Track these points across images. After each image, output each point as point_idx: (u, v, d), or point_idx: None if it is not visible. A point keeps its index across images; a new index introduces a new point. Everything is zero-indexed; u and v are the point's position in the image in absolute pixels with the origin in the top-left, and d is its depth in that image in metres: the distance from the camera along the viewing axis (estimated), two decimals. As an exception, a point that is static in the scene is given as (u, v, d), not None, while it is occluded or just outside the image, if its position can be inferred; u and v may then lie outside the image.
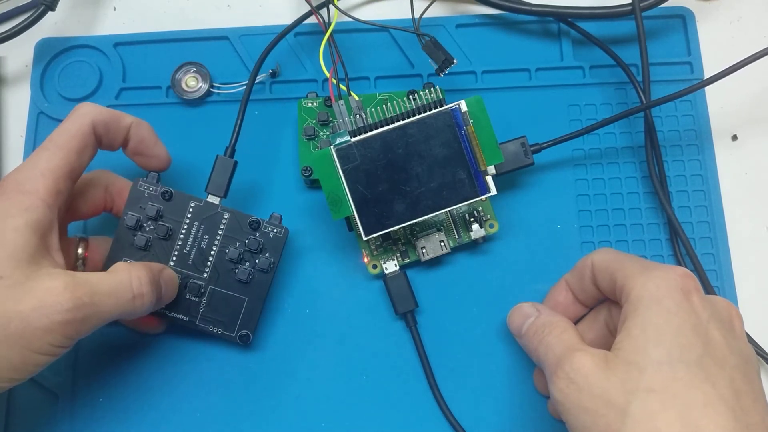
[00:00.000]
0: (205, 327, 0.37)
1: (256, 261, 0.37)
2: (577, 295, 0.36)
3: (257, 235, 0.37)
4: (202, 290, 0.37)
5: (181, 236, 0.36)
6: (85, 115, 0.34)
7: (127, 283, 0.32)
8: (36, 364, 0.30)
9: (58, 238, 0.32)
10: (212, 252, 0.37)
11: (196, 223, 0.37)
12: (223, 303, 0.37)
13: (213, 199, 0.37)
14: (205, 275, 0.37)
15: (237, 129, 0.38)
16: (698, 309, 0.29)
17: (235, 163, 0.37)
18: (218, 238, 0.37)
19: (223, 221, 0.37)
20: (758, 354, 0.38)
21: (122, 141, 0.36)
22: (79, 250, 0.37)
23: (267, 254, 0.37)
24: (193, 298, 0.37)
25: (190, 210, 0.37)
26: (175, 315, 0.37)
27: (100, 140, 0.35)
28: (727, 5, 0.45)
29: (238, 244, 0.37)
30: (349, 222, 0.38)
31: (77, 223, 0.41)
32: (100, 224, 0.41)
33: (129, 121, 0.35)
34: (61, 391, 0.38)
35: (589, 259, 0.34)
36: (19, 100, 0.44)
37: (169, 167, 0.38)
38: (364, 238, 0.36)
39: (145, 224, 0.36)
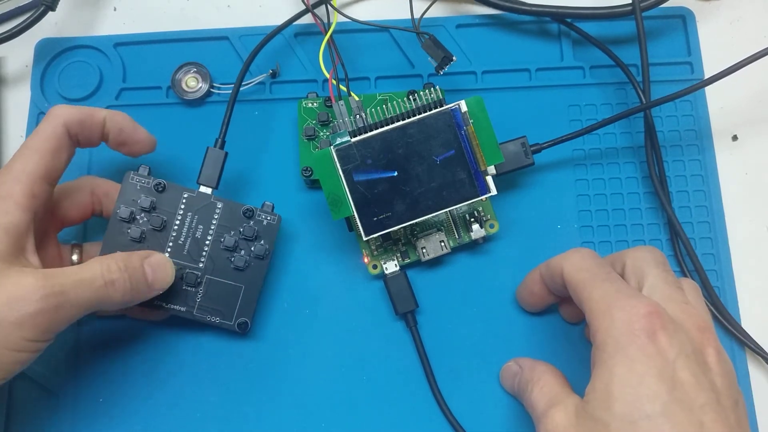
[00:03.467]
0: (202, 317, 0.37)
1: (252, 248, 0.37)
2: (552, 291, 0.36)
3: (251, 223, 0.37)
4: (199, 280, 0.37)
5: (176, 227, 0.37)
6: (57, 117, 0.34)
7: (96, 271, 0.32)
8: (13, 361, 0.30)
9: (34, 241, 0.32)
10: (207, 241, 0.37)
11: (189, 214, 0.37)
12: (220, 292, 0.37)
13: (205, 190, 0.37)
14: (200, 265, 0.37)
15: (227, 119, 0.38)
16: (664, 349, 0.28)
17: (226, 154, 0.38)
18: (212, 227, 0.37)
19: (217, 211, 0.37)
20: (758, 354, 0.38)
21: (100, 135, 0.36)
22: (74, 257, 0.37)
23: (262, 241, 0.37)
24: (189, 289, 0.37)
25: (183, 201, 0.37)
26: (173, 306, 0.37)
27: (76, 139, 0.35)
28: (727, 5, 0.45)
29: (232, 232, 0.37)
30: (349, 222, 0.38)
31: (77, 232, 0.41)
32: (98, 230, 0.41)
33: (102, 115, 0.35)
34: (61, 391, 0.39)
35: (559, 266, 0.33)
36: (20, 101, 0.44)
37: (155, 148, 0.38)
38: (364, 239, 0.36)
39: (138, 216, 0.36)
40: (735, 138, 0.43)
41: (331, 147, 0.36)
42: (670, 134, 0.42)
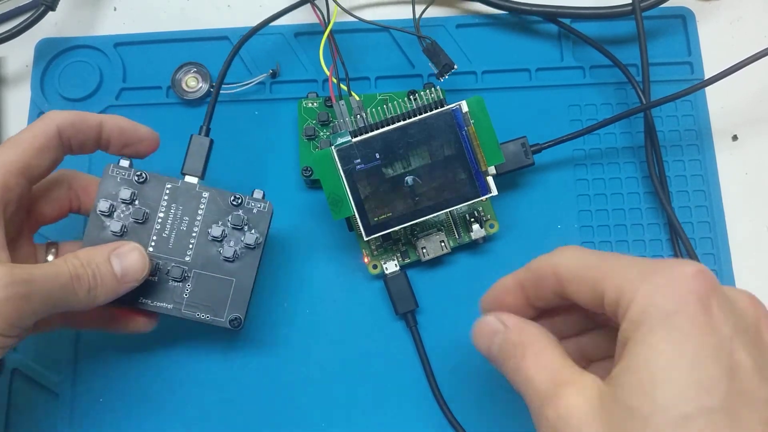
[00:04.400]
0: (191, 314, 0.35)
1: (242, 238, 0.35)
2: (533, 302, 0.29)
3: (240, 212, 0.35)
4: (186, 274, 0.35)
5: (159, 220, 0.35)
6: (51, 118, 0.33)
7: (62, 265, 0.30)
8: None
9: (6, 237, 0.31)
10: (194, 233, 0.35)
11: (174, 205, 0.35)
12: (209, 286, 0.35)
13: (191, 179, 0.35)
14: (187, 258, 0.35)
15: (211, 106, 0.37)
16: (719, 323, 0.22)
17: (211, 141, 0.36)
18: (199, 218, 0.35)
19: (203, 200, 0.35)
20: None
21: (95, 140, 0.35)
22: (49, 257, 0.36)
23: (252, 230, 0.35)
24: (176, 284, 0.35)
25: (167, 192, 0.35)
26: (158, 304, 0.35)
27: (69, 143, 0.34)
28: (728, 5, 0.45)
29: (220, 222, 0.35)
30: (350, 222, 0.38)
31: (54, 231, 0.40)
32: (76, 228, 0.40)
33: (98, 119, 0.34)
34: (61, 391, 0.38)
35: (550, 265, 0.27)
36: (20, 101, 0.44)
37: (159, 144, 0.36)
38: (365, 239, 0.36)
39: (118, 209, 0.35)
40: (735, 138, 0.43)
41: (332, 147, 0.36)
42: (670, 134, 0.42)
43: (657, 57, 0.43)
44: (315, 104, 0.41)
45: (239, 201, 0.35)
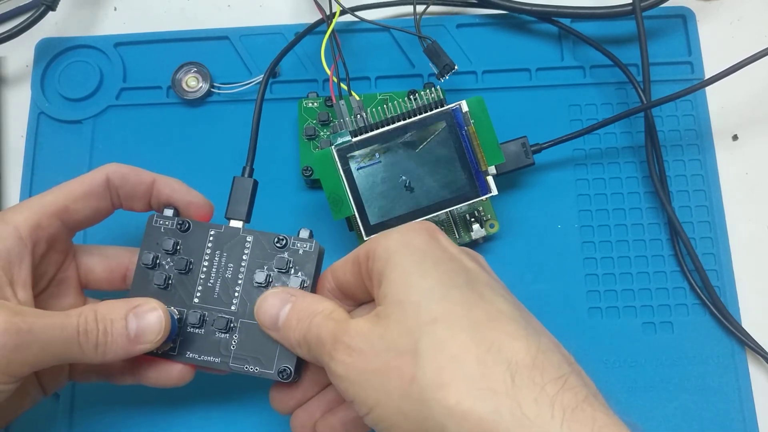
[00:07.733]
0: (239, 367, 0.32)
1: (288, 282, 0.33)
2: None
3: (285, 254, 0.33)
4: (232, 324, 0.33)
5: (204, 269, 0.33)
6: (103, 167, 0.33)
7: (72, 317, 0.29)
8: None
9: (29, 273, 0.30)
10: (239, 281, 0.33)
11: (218, 252, 0.33)
12: (256, 336, 0.32)
13: (235, 224, 0.34)
14: (233, 308, 0.33)
15: (252, 146, 0.36)
16: (447, 246, 0.29)
17: (255, 182, 0.35)
18: (243, 264, 0.33)
19: (247, 245, 0.33)
20: (758, 353, 0.38)
21: (144, 197, 0.34)
22: None
23: (298, 273, 0.33)
24: (222, 336, 0.33)
25: (210, 239, 0.34)
26: (206, 358, 0.33)
27: (116, 193, 0.33)
28: (728, 5, 0.45)
29: (265, 267, 0.33)
30: (350, 222, 0.38)
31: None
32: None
33: (151, 177, 0.34)
34: (61, 391, 0.38)
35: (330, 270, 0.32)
36: (20, 101, 0.44)
37: (212, 213, 0.35)
38: (365, 239, 0.36)
39: (163, 261, 0.34)
40: (735, 138, 0.43)
41: (332, 147, 0.36)
42: (670, 134, 0.42)
43: (657, 57, 0.43)
44: (315, 104, 0.41)
45: (283, 242, 0.33)
